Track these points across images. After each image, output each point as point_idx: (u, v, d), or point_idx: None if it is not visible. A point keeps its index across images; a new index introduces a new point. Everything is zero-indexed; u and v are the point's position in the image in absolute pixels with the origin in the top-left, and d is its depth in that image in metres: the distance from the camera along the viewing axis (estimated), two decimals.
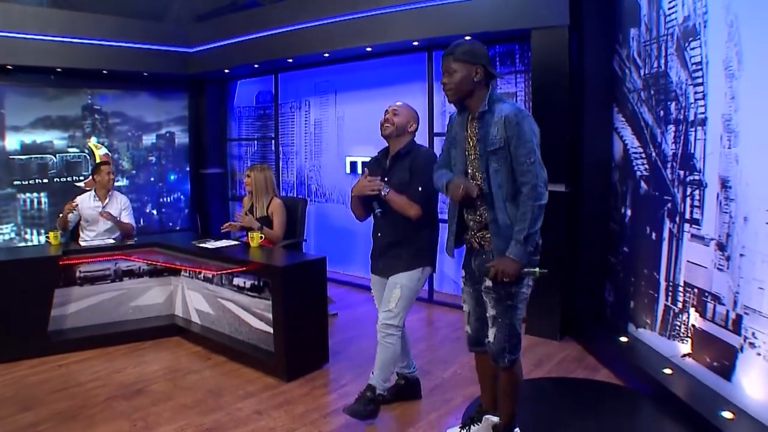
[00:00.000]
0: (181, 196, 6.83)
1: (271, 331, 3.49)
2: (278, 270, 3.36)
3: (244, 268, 3.57)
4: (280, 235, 4.17)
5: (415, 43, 4.72)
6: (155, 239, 4.44)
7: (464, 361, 3.72)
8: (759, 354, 2.65)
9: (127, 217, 4.50)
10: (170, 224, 6.78)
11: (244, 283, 3.67)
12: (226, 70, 6.07)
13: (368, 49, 4.94)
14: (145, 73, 6.09)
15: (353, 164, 5.74)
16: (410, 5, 4.53)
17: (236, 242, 4.16)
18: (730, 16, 2.77)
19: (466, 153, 2.36)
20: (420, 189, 2.72)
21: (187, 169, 6.82)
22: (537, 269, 2.28)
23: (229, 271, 3.66)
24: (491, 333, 2.34)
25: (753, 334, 2.69)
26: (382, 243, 2.86)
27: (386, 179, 2.83)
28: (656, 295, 3.50)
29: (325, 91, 6.00)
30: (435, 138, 4.99)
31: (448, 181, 2.37)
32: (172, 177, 6.74)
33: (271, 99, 6.44)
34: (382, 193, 2.76)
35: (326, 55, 5.26)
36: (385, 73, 5.39)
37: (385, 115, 2.86)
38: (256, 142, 6.72)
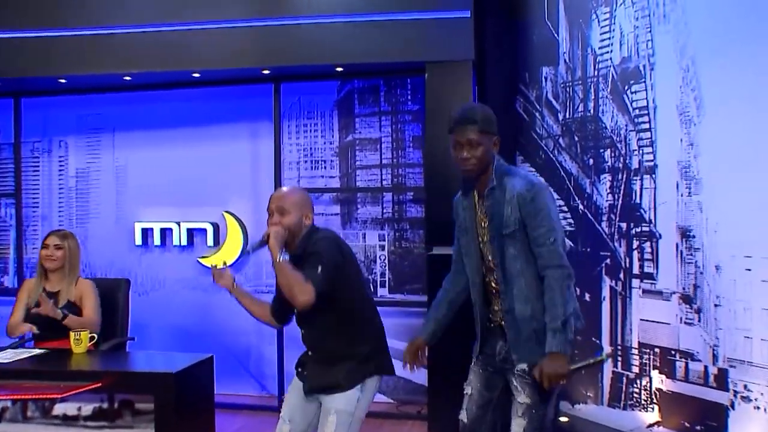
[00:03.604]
0: None
1: None
2: (170, 379, 2.75)
3: (99, 384, 2.78)
4: (97, 321, 3.46)
5: (266, 72, 4.41)
6: None
7: None
8: (758, 408, 2.95)
9: None
10: None
11: (79, 409, 2.90)
12: None
13: (196, 75, 4.44)
14: None
15: (147, 232, 4.96)
16: (257, 21, 4.20)
17: (36, 350, 3.21)
18: (685, 60, 3.19)
19: (479, 238, 2.40)
20: (319, 270, 2.42)
21: None
22: (604, 354, 2.47)
23: (73, 392, 2.78)
24: (518, 425, 2.30)
25: (745, 386, 2.99)
26: (310, 362, 2.62)
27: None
28: None
29: (97, 128, 5.09)
30: None
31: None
32: None
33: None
34: (279, 259, 2.42)
35: (128, 78, 4.53)
36: (198, 107, 4.86)
37: (269, 214, 2.54)
38: None
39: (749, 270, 2.97)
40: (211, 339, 4.61)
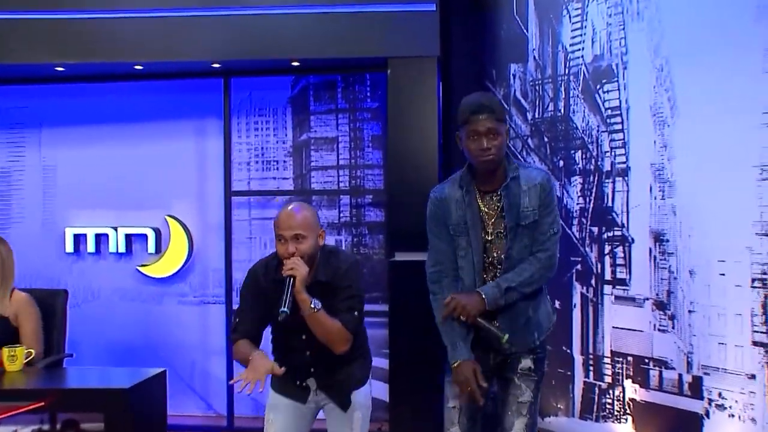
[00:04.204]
0: None
1: None
2: (123, 396, 2.73)
3: (42, 403, 2.72)
4: (38, 351, 3.32)
5: (216, 66, 4.37)
6: None
7: None
8: (732, 415, 3.07)
9: None
10: None
11: None
12: None
13: (138, 67, 4.36)
14: None
15: (80, 238, 4.84)
16: (207, 11, 4.15)
17: None
18: (659, 60, 3.31)
19: (483, 235, 2.45)
20: (356, 314, 2.54)
21: None
22: (506, 336, 2.38)
23: (13, 413, 2.74)
24: (522, 423, 2.48)
25: (720, 394, 3.10)
26: (322, 378, 2.65)
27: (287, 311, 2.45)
28: (570, 372, 3.77)
29: (20, 122, 4.93)
30: (233, 198, 4.60)
31: (455, 362, 2.41)
32: None
33: None
34: (312, 308, 2.42)
35: (60, 69, 4.39)
36: (139, 102, 4.77)
37: (281, 243, 2.47)
38: None
39: (723, 275, 3.08)
40: (152, 354, 4.55)
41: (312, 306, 2.39)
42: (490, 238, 2.44)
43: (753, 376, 2.97)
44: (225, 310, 4.59)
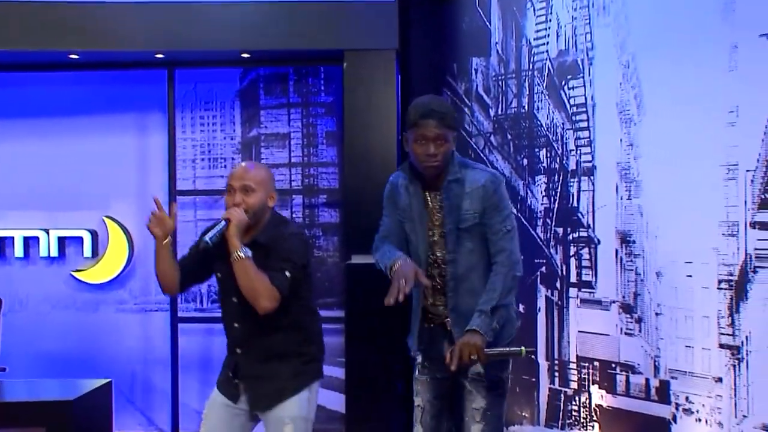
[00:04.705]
0: None
1: None
2: (67, 408, 2.74)
3: None
4: None
5: (160, 56, 4.33)
6: None
7: None
8: (699, 420, 3.15)
9: None
10: None
11: None
12: None
13: (73, 56, 4.28)
14: None
15: (5, 242, 4.74)
16: None
17: None
18: (625, 56, 3.37)
19: (429, 232, 2.53)
20: (287, 275, 2.49)
21: None
22: (522, 348, 2.41)
23: None
24: (478, 430, 2.51)
25: (687, 398, 3.18)
26: (246, 363, 2.61)
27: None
28: (535, 379, 3.82)
29: None
30: (178, 198, 4.54)
31: (392, 263, 2.40)
32: None
33: None
34: (240, 254, 2.41)
35: None
36: (75, 94, 4.71)
37: (229, 194, 2.54)
38: None
39: (690, 276, 3.16)
40: (89, 367, 4.43)
41: (241, 252, 2.40)
42: (434, 237, 2.51)
43: (720, 380, 3.05)
44: (169, 318, 4.52)
